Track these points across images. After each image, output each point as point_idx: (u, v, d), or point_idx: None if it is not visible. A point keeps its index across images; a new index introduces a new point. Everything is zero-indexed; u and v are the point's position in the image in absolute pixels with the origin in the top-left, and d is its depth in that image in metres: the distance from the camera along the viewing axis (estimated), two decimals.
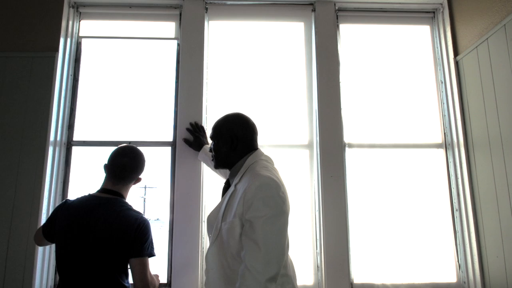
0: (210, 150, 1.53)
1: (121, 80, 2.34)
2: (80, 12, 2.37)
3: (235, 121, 1.47)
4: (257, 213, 1.22)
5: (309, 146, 2.27)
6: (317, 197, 2.17)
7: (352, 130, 2.30)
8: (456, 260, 2.17)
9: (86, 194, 1.60)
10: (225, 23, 2.42)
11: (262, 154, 1.46)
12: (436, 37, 2.45)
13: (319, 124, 2.22)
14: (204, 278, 1.44)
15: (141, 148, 2.21)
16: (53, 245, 2.05)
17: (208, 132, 2.20)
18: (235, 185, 1.37)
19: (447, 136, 2.31)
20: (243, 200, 1.26)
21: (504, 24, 1.86)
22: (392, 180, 2.26)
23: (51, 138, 2.07)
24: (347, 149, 2.26)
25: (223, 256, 1.31)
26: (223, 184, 1.54)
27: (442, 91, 2.37)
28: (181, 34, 2.31)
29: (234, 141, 1.42)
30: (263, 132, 2.24)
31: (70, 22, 2.29)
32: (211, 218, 1.42)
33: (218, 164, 1.49)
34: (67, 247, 1.48)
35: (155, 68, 2.36)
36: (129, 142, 2.22)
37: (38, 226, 1.93)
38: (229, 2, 2.41)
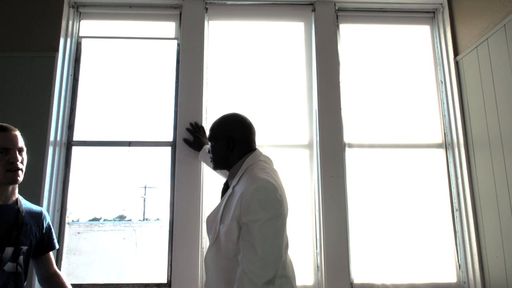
0: (209, 152, 1.52)
1: (121, 80, 2.34)
2: (80, 12, 2.37)
3: (231, 122, 1.45)
4: (254, 216, 1.22)
5: (309, 146, 2.27)
6: (317, 197, 2.17)
7: (352, 130, 2.30)
8: (456, 260, 2.17)
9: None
10: (225, 23, 2.42)
11: (260, 154, 1.45)
12: (436, 37, 2.45)
13: (319, 124, 2.22)
14: (204, 278, 1.44)
15: (141, 148, 2.23)
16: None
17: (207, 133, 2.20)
18: (233, 187, 1.36)
19: (447, 136, 2.31)
20: (240, 203, 1.26)
21: (504, 24, 1.86)
22: (392, 180, 2.26)
23: (51, 138, 2.07)
24: (347, 149, 2.26)
25: (221, 259, 1.31)
26: (222, 185, 1.54)
27: (442, 91, 2.37)
28: (181, 34, 2.31)
29: (231, 143, 1.41)
30: (263, 132, 2.24)
31: (70, 22, 2.29)
32: (210, 220, 1.42)
33: (217, 165, 1.48)
34: None
35: (155, 68, 2.36)
36: (129, 142, 2.22)
37: None
38: (229, 2, 2.41)
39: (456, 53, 2.29)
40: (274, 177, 1.33)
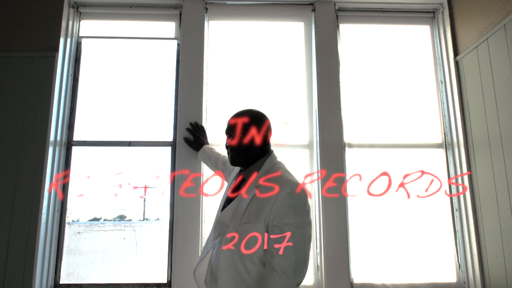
0: (227, 146, 1.44)
1: (121, 80, 2.34)
2: (80, 12, 2.37)
3: (266, 117, 1.49)
4: (288, 220, 1.23)
5: (309, 146, 2.27)
6: (317, 197, 2.16)
7: (352, 130, 2.30)
8: (456, 260, 2.17)
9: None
10: (225, 23, 2.42)
11: (276, 156, 1.48)
12: (436, 37, 2.45)
13: (319, 124, 2.22)
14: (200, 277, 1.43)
15: (141, 148, 2.23)
16: (53, 244, 2.06)
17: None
18: (256, 186, 1.34)
19: (447, 136, 2.31)
20: (272, 205, 1.26)
21: (504, 24, 1.86)
22: (393, 180, 2.25)
23: (51, 138, 2.06)
24: (347, 149, 2.26)
25: (240, 258, 1.28)
26: (231, 180, 1.53)
27: (442, 91, 2.37)
28: (181, 34, 2.31)
29: (268, 137, 1.45)
30: None
31: (70, 22, 2.29)
32: (225, 217, 1.37)
33: (241, 160, 1.41)
34: None
35: (155, 68, 2.36)
36: (129, 142, 2.22)
37: (38, 226, 1.92)
38: (229, 2, 2.41)
39: (456, 53, 2.29)
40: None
